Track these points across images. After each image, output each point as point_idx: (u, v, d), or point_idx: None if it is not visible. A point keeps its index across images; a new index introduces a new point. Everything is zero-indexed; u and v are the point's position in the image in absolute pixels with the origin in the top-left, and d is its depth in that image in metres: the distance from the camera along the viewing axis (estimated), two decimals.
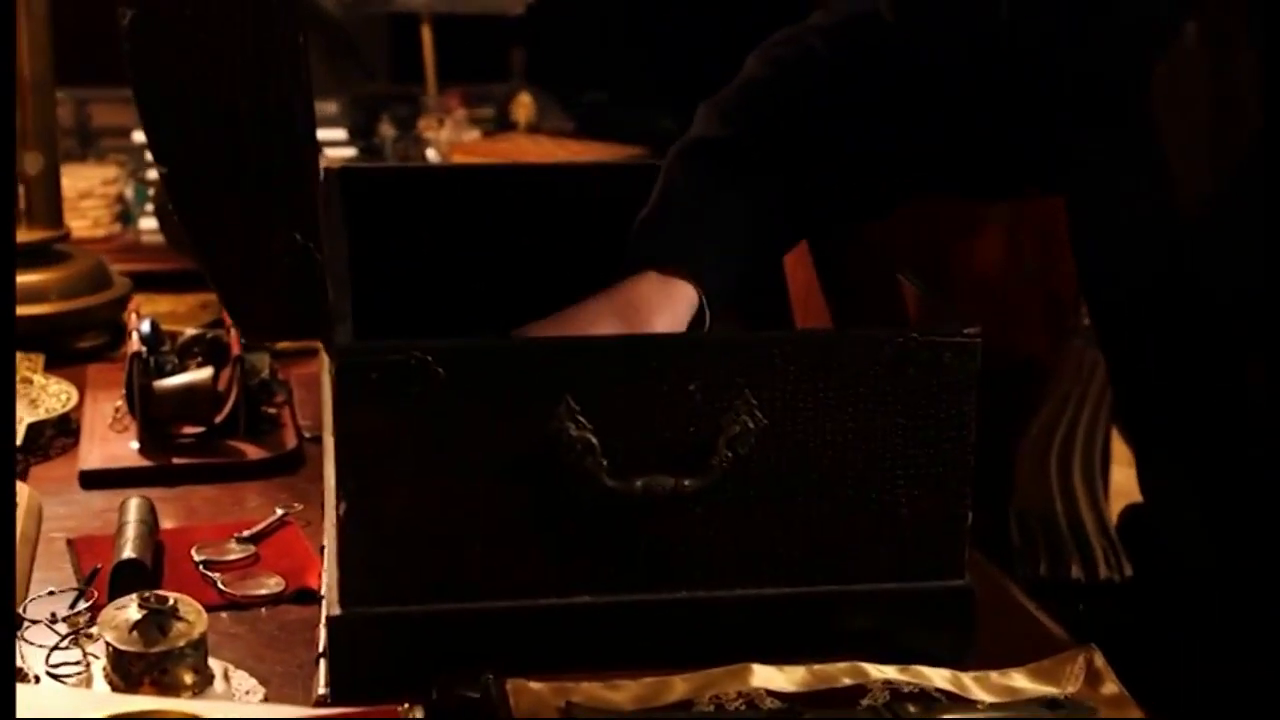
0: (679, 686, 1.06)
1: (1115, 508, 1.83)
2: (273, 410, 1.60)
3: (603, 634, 1.11)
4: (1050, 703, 1.07)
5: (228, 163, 1.06)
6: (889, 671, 1.08)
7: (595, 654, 1.10)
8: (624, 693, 1.05)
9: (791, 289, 1.50)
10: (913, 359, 1.10)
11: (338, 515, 1.09)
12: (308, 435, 1.56)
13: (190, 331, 1.68)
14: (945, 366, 1.11)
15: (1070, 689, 1.09)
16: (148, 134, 1.09)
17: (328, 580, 1.14)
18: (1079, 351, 1.86)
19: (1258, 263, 1.27)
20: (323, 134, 2.57)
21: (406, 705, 0.99)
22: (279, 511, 1.39)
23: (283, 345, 1.73)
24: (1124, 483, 2.07)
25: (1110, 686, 1.09)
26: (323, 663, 1.12)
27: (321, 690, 1.11)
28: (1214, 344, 1.28)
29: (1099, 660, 1.11)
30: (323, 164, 1.44)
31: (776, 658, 1.10)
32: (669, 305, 1.29)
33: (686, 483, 1.09)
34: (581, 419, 1.08)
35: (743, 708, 1.04)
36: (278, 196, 1.08)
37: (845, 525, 1.12)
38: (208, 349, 1.65)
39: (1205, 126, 1.32)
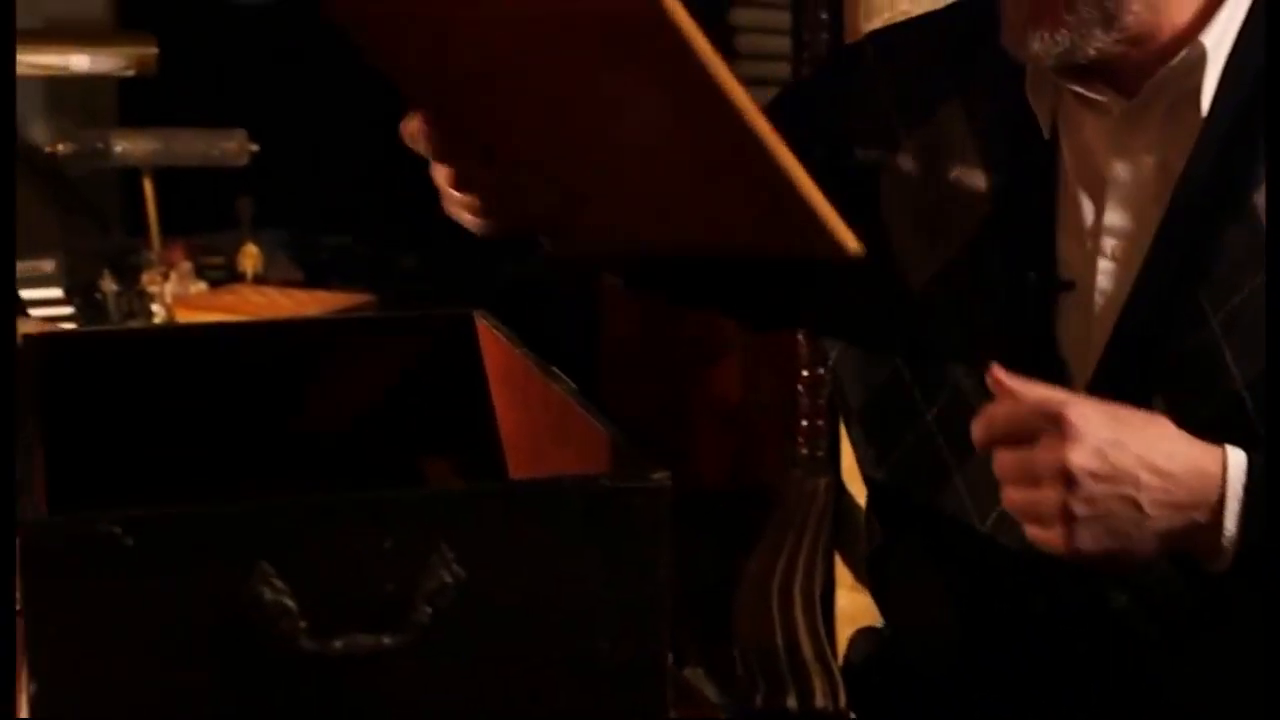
0: None
1: (842, 631, 1.87)
2: None
3: None
4: None
5: None
6: None
7: None
8: None
9: (503, 434, 1.51)
10: (604, 505, 1.12)
11: (30, 696, 1.07)
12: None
13: None
14: (637, 511, 1.13)
15: None
16: None
17: None
18: (799, 481, 1.90)
19: (989, 321, 1.35)
20: (37, 293, 2.54)
21: None
22: None
23: None
24: (848, 607, 2.12)
25: None
26: None
27: None
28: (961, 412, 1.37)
29: None
30: (27, 328, 1.42)
31: None
32: None
33: (386, 640, 1.09)
34: (277, 582, 1.07)
35: None
36: None
37: (548, 674, 1.13)
38: None
39: (932, 216, 1.39)
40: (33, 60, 2.71)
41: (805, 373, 1.98)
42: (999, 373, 1.23)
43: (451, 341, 1.57)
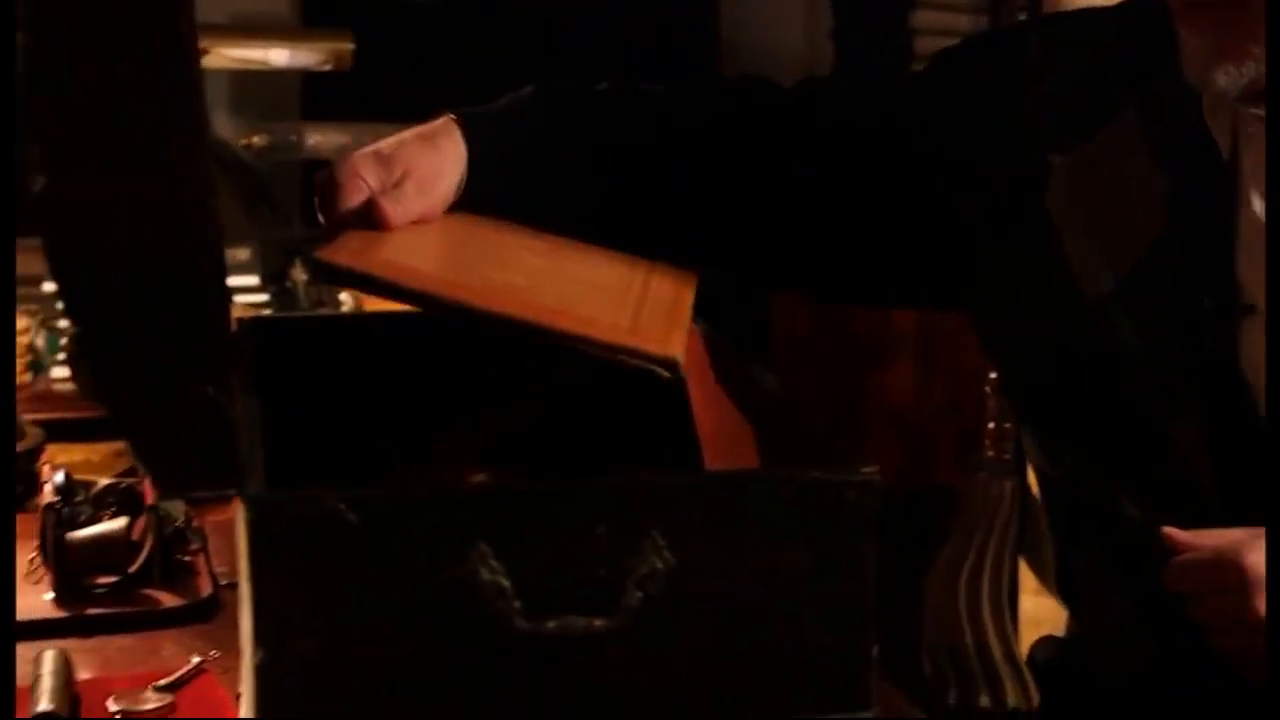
0: None
1: (1026, 635, 1.87)
2: (187, 558, 1.61)
3: None
4: None
5: (139, 319, 1.08)
6: None
7: None
8: None
9: (700, 427, 1.53)
10: (815, 497, 1.14)
11: (253, 664, 1.10)
12: (223, 582, 1.57)
13: (104, 481, 1.69)
14: (847, 504, 1.14)
15: None
16: (60, 291, 1.11)
17: None
18: (985, 483, 1.89)
19: (1169, 341, 1.35)
20: (234, 280, 2.60)
21: None
22: (195, 659, 1.40)
23: (199, 491, 1.74)
24: (1033, 611, 2.11)
25: None
26: None
27: None
28: (1138, 427, 1.38)
29: None
30: (234, 313, 1.47)
31: None
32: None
33: (598, 623, 1.11)
34: (494, 563, 1.10)
35: None
36: (189, 350, 1.11)
37: (754, 662, 1.15)
38: (122, 498, 1.65)
39: (1104, 226, 1.39)
40: (230, 54, 2.78)
41: (994, 374, 1.97)
42: (1171, 531, 1.32)
43: None
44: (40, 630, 1.46)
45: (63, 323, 2.64)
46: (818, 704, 1.16)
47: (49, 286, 2.72)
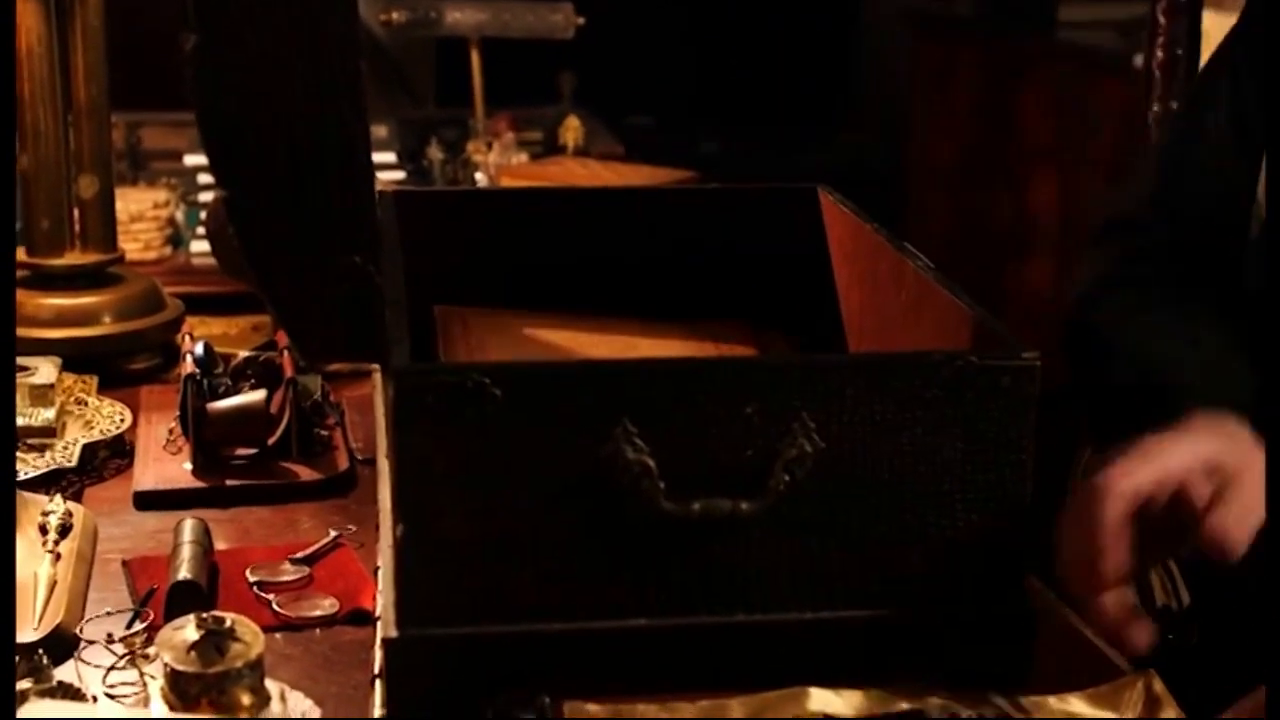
0: (735, 710, 1.06)
1: None
2: (325, 432, 1.60)
3: (658, 657, 1.11)
4: None
5: (288, 186, 1.06)
6: (946, 696, 1.08)
7: (651, 677, 1.10)
8: (681, 714, 1.05)
9: (844, 311, 1.50)
10: (971, 382, 1.10)
11: (395, 537, 1.09)
12: (360, 458, 1.57)
13: (243, 354, 1.69)
14: (1003, 390, 1.10)
15: (1129, 714, 1.09)
16: (209, 158, 1.10)
17: (383, 602, 1.14)
18: None
19: None
20: (374, 157, 2.59)
21: None
22: (332, 533, 1.39)
23: (335, 367, 1.73)
24: None
25: (1170, 711, 1.08)
26: (378, 684, 1.12)
27: (378, 712, 1.11)
28: None
29: (1158, 685, 1.10)
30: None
31: (833, 681, 1.09)
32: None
33: (744, 506, 1.09)
34: (639, 441, 1.08)
35: None
36: (336, 220, 1.09)
37: (902, 549, 1.12)
38: (261, 371, 1.65)
39: None
40: None
41: None
42: None
43: (795, 216, 1.55)
44: (178, 500, 1.47)
45: (203, 196, 2.65)
46: (968, 595, 1.13)
47: (189, 160, 2.74)
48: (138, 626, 1.21)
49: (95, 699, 1.12)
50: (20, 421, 1.55)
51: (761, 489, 1.09)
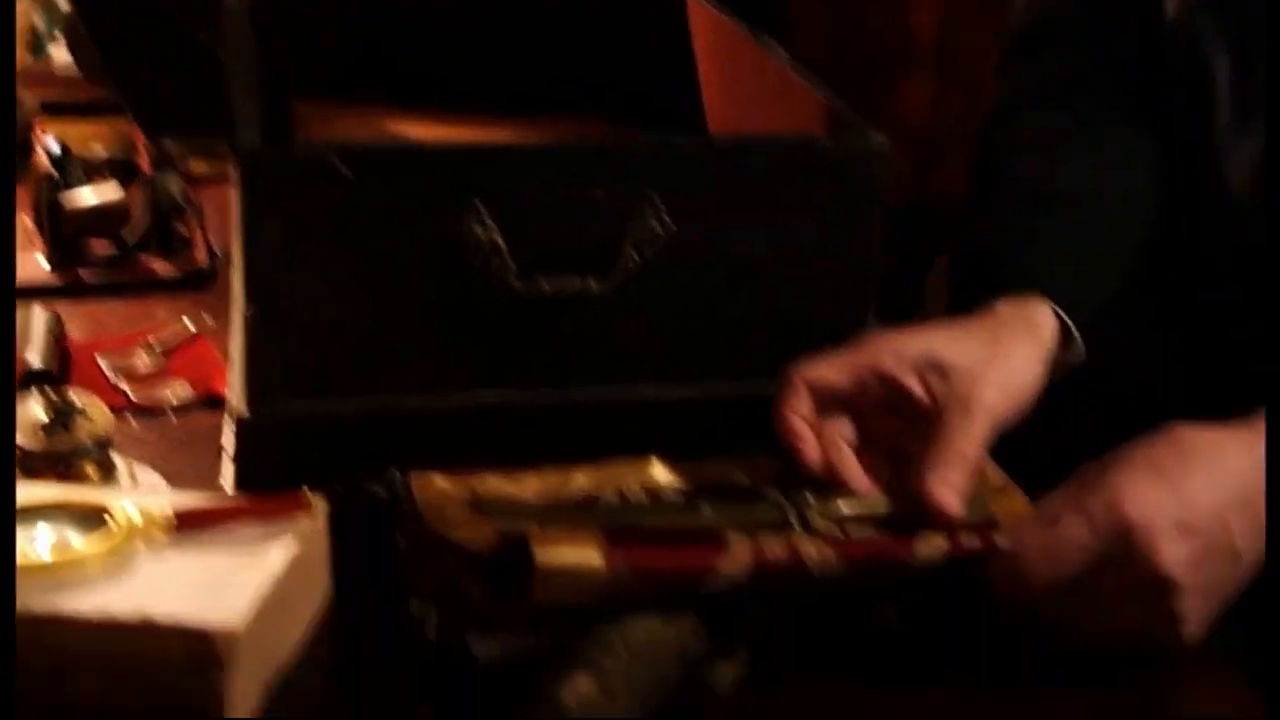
0: (581, 479, 1.07)
1: None
2: (184, 230, 1.59)
3: (509, 432, 1.12)
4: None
5: None
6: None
7: (501, 452, 1.10)
8: (527, 486, 1.06)
9: (707, 105, 1.50)
10: (820, 166, 1.11)
11: (244, 316, 1.09)
12: (220, 254, 1.55)
13: (101, 152, 1.66)
14: (853, 175, 1.11)
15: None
16: None
17: (233, 381, 1.14)
18: None
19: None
20: None
21: (309, 492, 1.00)
22: (190, 327, 1.39)
23: (196, 169, 1.71)
24: None
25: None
26: (229, 462, 1.13)
27: (228, 488, 1.11)
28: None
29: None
30: None
31: (680, 456, 1.11)
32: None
33: (593, 284, 1.09)
34: (489, 222, 1.08)
35: (646, 501, 1.06)
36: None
37: (751, 329, 1.13)
38: (119, 169, 1.63)
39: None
40: None
41: None
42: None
43: (659, 12, 1.55)
44: (33, 295, 1.45)
45: (62, 2, 2.59)
46: None
47: None
48: None
49: None
50: None
51: (611, 268, 1.10)
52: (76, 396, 1.09)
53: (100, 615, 0.89)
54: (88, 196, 1.55)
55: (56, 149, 1.61)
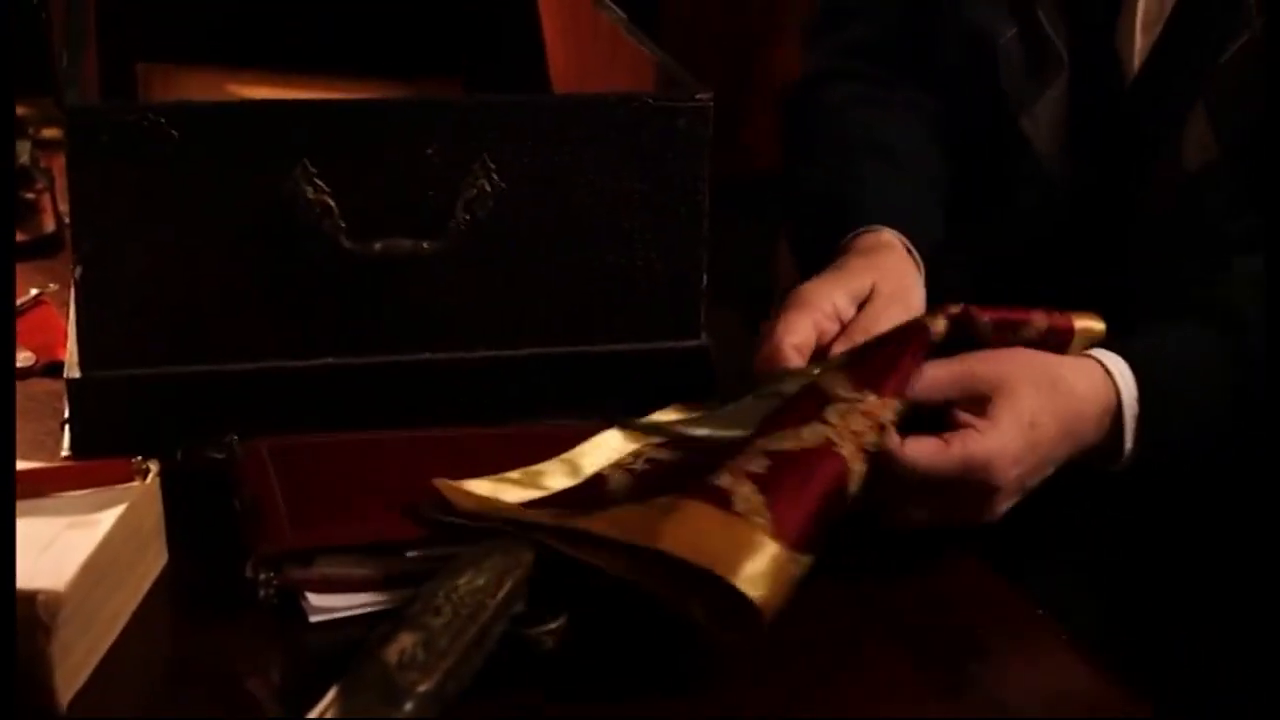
0: (558, 475, 1.06)
1: None
2: (31, 196, 1.57)
3: (345, 395, 1.12)
4: None
5: None
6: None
7: (337, 415, 1.11)
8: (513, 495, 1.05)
9: (551, 67, 1.51)
10: (647, 122, 1.12)
11: (74, 280, 1.09)
12: (68, 221, 1.54)
13: None
14: (679, 130, 1.13)
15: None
16: None
17: (70, 346, 1.14)
18: None
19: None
20: None
21: (140, 459, 1.00)
22: (33, 291, 1.38)
23: (46, 134, 1.70)
24: None
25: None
26: (67, 428, 1.12)
27: (65, 453, 1.11)
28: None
29: None
30: None
31: (518, 417, 1.12)
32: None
33: (425, 245, 1.10)
34: (319, 182, 1.08)
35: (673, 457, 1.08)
36: None
37: (584, 288, 1.14)
38: None
39: None
40: None
41: None
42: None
43: None
44: None
45: None
46: (647, 330, 1.16)
47: None
48: None
49: None
50: None
51: (443, 229, 1.10)
52: None
53: None
54: None
55: None
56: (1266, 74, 1.24)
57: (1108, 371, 1.12)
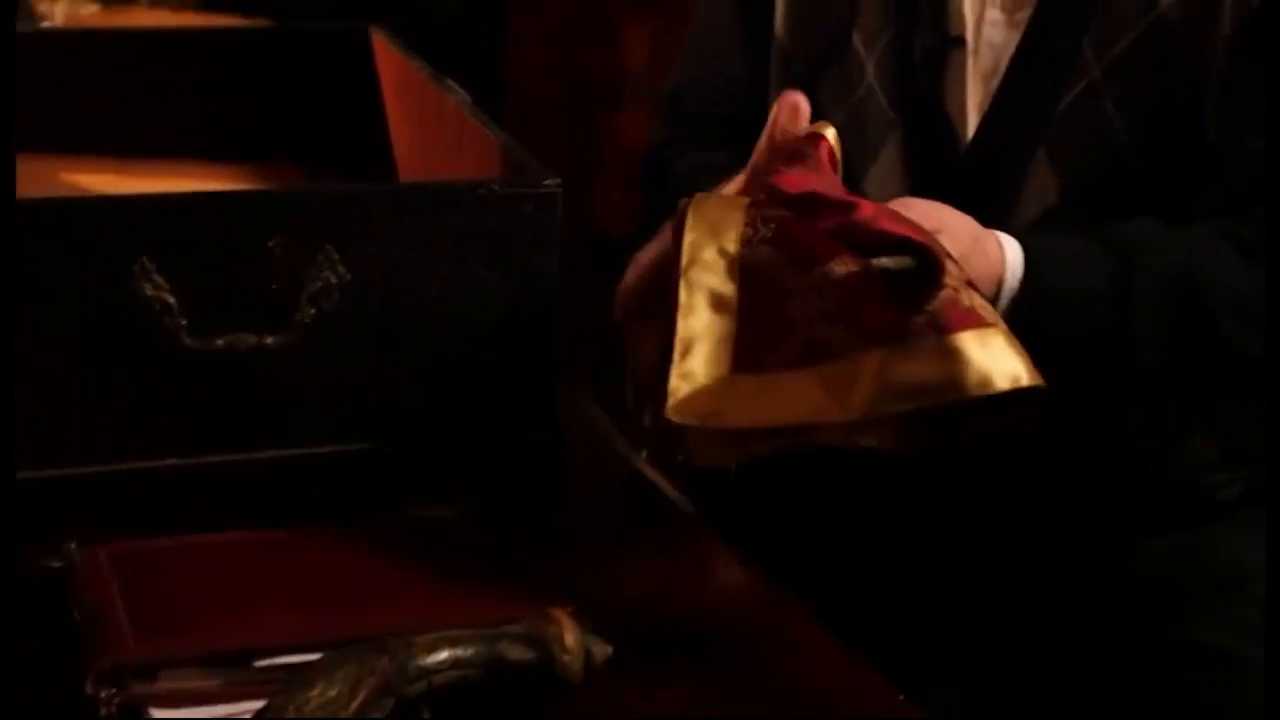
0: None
1: None
2: None
3: (190, 496, 1.09)
4: None
5: None
6: None
7: (182, 517, 1.08)
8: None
9: (396, 150, 1.49)
10: (494, 209, 1.11)
11: None
12: None
13: None
14: (527, 216, 1.11)
15: None
16: None
17: None
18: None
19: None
20: None
21: None
22: None
23: None
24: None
25: None
26: None
27: None
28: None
29: None
30: None
31: (370, 512, 1.10)
32: None
33: (269, 340, 1.08)
34: (157, 278, 1.06)
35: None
36: None
37: (433, 379, 1.12)
38: None
39: None
40: None
41: None
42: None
43: (348, 55, 1.53)
44: None
45: None
46: (500, 420, 1.14)
47: None
48: None
49: None
50: None
51: (288, 322, 1.08)
52: None
53: None
54: None
55: None
56: (1266, 74, 1.24)
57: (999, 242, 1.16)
